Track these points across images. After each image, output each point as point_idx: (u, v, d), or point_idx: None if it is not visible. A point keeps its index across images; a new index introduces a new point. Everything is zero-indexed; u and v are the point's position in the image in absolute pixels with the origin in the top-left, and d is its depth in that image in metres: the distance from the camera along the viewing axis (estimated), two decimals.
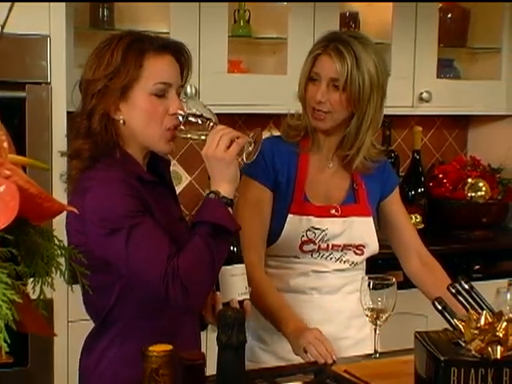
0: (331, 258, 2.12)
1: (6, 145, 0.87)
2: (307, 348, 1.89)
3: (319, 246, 2.09)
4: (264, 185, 2.11)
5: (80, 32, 3.07)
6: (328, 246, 2.10)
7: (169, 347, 1.09)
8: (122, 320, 1.72)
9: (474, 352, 1.35)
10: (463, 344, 1.39)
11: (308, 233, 2.08)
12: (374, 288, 1.92)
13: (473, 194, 3.64)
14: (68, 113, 2.61)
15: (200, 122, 1.74)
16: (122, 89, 1.68)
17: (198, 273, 1.61)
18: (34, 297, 0.91)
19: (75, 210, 0.85)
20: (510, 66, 3.83)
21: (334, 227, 2.10)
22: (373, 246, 2.15)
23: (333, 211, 2.11)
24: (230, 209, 1.69)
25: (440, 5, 3.69)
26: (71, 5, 2.90)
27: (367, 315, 1.93)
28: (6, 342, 0.77)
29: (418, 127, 3.69)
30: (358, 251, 2.13)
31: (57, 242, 0.91)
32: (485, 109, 3.82)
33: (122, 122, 1.72)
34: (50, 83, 2.72)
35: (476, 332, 1.34)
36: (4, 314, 0.76)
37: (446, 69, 3.82)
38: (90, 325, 1.81)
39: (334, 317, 2.12)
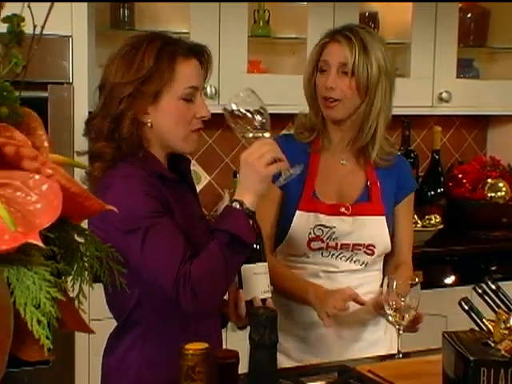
0: (341, 258, 2.10)
1: (46, 144, 0.88)
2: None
3: (327, 244, 2.07)
4: (272, 183, 2.12)
5: (101, 32, 3.09)
6: (337, 244, 2.08)
7: (205, 345, 1.10)
8: (142, 323, 1.72)
9: (503, 352, 1.35)
10: (492, 344, 1.39)
11: (315, 230, 2.07)
12: (398, 287, 1.91)
13: (492, 195, 3.63)
14: (89, 113, 2.63)
15: (249, 116, 1.73)
16: (155, 93, 1.68)
17: (210, 280, 1.61)
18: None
19: (115, 209, 0.85)
20: None
21: (343, 226, 2.08)
22: (383, 246, 2.12)
23: (342, 209, 2.09)
24: (250, 221, 1.69)
25: (460, 5, 3.68)
26: (92, 5, 2.91)
27: (390, 315, 1.92)
28: (48, 338, 0.78)
29: (438, 127, 3.68)
30: (368, 251, 2.11)
31: (94, 240, 0.92)
32: (504, 109, 3.81)
33: (149, 125, 1.72)
34: (71, 83, 2.74)
35: (505, 332, 1.33)
36: (47, 311, 0.77)
37: (465, 69, 3.81)
38: (112, 323, 1.81)
39: (347, 318, 2.10)
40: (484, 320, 1.41)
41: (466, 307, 1.56)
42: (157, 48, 1.69)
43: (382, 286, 2.02)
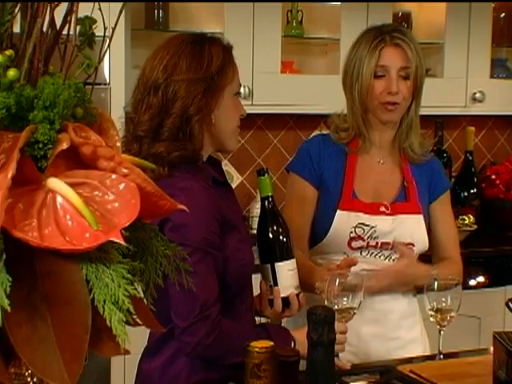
0: (380, 257, 2.10)
1: (119, 144, 0.89)
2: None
3: (368, 243, 2.08)
4: (309, 182, 2.14)
5: (135, 33, 3.11)
6: (377, 243, 2.09)
7: (269, 343, 1.11)
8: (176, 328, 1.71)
9: None
10: None
11: (357, 229, 2.08)
12: (439, 288, 1.92)
13: None
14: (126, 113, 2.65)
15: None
16: (223, 89, 1.69)
17: (228, 338, 1.66)
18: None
19: (186, 209, 0.87)
20: None
21: (384, 225, 2.09)
22: (422, 244, 2.13)
23: (382, 209, 2.11)
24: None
25: (493, 4, 3.67)
26: (128, 6, 2.94)
27: (431, 315, 1.92)
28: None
29: (471, 127, 3.66)
30: None
31: (162, 239, 0.94)
32: None
33: (213, 121, 1.71)
34: (108, 84, 2.76)
35: None
36: (126, 307, 0.79)
37: (499, 68, 3.79)
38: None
39: (384, 317, 2.11)
40: None
41: None
42: (221, 45, 1.71)
43: None
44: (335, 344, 1.65)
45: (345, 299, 1.81)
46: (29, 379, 0.89)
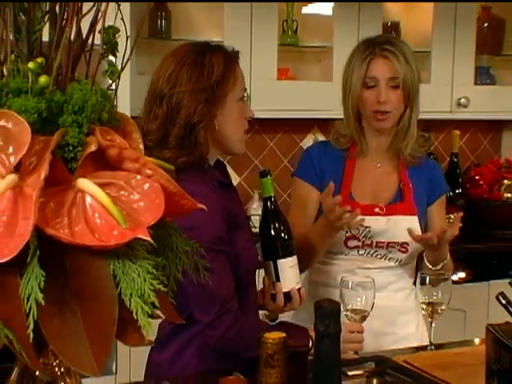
0: (377, 256, 2.11)
1: (141, 146, 0.90)
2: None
3: (363, 243, 2.09)
4: (311, 184, 2.16)
5: (139, 41, 3.10)
6: (372, 242, 2.10)
7: (282, 334, 1.12)
8: (199, 323, 1.71)
9: None
10: None
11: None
12: (431, 283, 1.93)
13: (509, 195, 3.63)
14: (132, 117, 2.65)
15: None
16: (223, 97, 1.70)
17: (248, 336, 1.65)
18: None
19: (205, 208, 0.87)
20: None
21: (378, 225, 2.10)
22: (416, 244, 2.12)
23: (377, 210, 2.11)
24: None
25: (477, 15, 3.69)
26: (134, 15, 2.93)
27: (423, 309, 1.94)
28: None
29: (456, 131, 3.68)
30: (402, 249, 2.12)
31: (181, 236, 0.94)
32: None
33: (217, 128, 1.72)
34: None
35: None
36: (151, 301, 0.79)
37: (482, 76, 3.81)
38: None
39: (380, 313, 2.10)
40: None
41: (504, 301, 1.57)
42: (222, 54, 1.71)
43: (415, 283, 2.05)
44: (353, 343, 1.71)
45: (358, 299, 1.82)
46: (56, 369, 0.89)
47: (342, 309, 1.76)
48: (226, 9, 3.18)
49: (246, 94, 1.79)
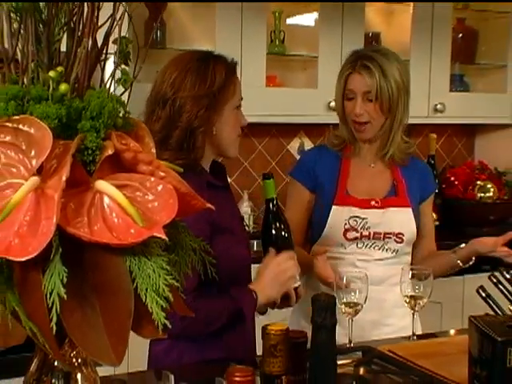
0: (374, 247, 2.14)
1: (153, 150, 0.90)
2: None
3: (361, 234, 2.12)
4: (304, 186, 2.20)
5: (135, 50, 3.10)
6: (370, 233, 2.12)
7: (285, 326, 1.13)
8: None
9: None
10: None
11: (350, 221, 2.12)
12: (414, 278, 1.95)
13: (482, 195, 3.66)
14: None
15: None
16: (225, 104, 1.71)
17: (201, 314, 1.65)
18: None
19: (212, 207, 0.88)
20: None
21: (374, 216, 2.13)
22: (411, 234, 2.17)
23: (373, 203, 2.15)
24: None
25: (452, 26, 3.72)
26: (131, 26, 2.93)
27: (406, 301, 1.95)
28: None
29: (433, 134, 3.72)
30: (397, 239, 2.15)
31: (190, 234, 0.94)
32: (491, 119, 3.86)
33: (214, 133, 1.73)
34: None
35: None
36: (166, 295, 0.79)
37: (457, 83, 3.84)
38: None
39: (378, 305, 2.12)
40: (510, 306, 1.42)
41: (484, 294, 1.59)
42: (224, 64, 1.72)
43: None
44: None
45: (352, 293, 1.84)
46: (74, 360, 0.89)
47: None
48: (217, 20, 3.19)
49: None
